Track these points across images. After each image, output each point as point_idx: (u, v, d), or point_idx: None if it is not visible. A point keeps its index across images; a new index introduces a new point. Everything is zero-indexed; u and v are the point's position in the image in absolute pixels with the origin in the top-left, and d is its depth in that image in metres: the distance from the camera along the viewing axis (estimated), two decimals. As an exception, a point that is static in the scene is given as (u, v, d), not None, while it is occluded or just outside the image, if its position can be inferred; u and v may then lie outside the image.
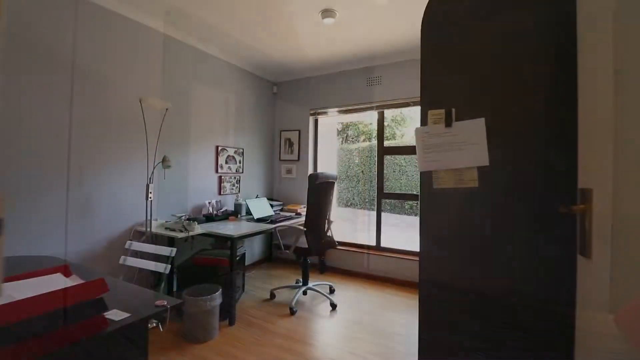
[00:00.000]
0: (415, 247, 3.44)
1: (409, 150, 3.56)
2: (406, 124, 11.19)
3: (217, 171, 3.40)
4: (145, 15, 2.56)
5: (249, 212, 3.30)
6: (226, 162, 3.51)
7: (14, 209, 1.90)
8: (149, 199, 2.42)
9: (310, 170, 4.05)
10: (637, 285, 0.67)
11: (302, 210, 3.65)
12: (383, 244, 3.64)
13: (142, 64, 2.61)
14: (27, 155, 1.96)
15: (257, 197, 3.86)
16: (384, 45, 3.12)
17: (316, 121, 4.12)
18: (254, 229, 2.70)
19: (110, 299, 1.13)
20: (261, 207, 3.38)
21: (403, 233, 7.12)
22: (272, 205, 3.64)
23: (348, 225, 7.91)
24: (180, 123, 2.94)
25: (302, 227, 2.72)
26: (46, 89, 2.04)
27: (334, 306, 2.76)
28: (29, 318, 0.79)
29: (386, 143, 3.70)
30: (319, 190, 2.77)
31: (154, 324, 1.71)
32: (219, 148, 3.40)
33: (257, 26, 2.75)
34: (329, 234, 3.10)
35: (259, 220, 3.11)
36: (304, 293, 3.04)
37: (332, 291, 3.12)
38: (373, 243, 3.68)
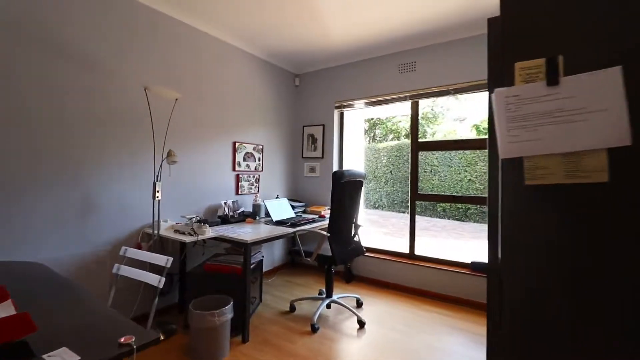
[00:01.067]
0: (455, 256, 3.03)
1: (449, 145, 3.10)
2: (437, 121, 10.55)
3: (234, 169, 3.15)
4: (155, -2, 2.34)
5: (268, 214, 3.01)
6: (244, 160, 3.26)
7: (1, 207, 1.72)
8: (157, 198, 2.20)
9: (336, 169, 3.70)
10: None
11: (327, 212, 3.32)
12: (417, 252, 3.22)
13: (149, 51, 2.40)
14: (22, 151, 1.78)
15: (277, 197, 3.58)
16: (419, 25, 2.72)
17: (341, 115, 3.77)
18: (271, 233, 2.40)
19: (65, 331, 0.86)
20: (281, 209, 3.08)
21: (435, 238, 6.60)
22: (293, 207, 3.34)
23: (376, 229, 7.49)
24: (192, 116, 2.71)
25: (325, 232, 2.38)
26: (37, 77, 1.85)
27: (361, 324, 2.40)
28: None
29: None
30: (345, 190, 2.42)
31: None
32: (237, 144, 3.15)
33: (274, 8, 2.45)
34: (356, 239, 2.74)
35: (278, 223, 2.82)
36: (328, 306, 2.70)
37: (359, 305, 2.76)
38: (405, 250, 3.27)
